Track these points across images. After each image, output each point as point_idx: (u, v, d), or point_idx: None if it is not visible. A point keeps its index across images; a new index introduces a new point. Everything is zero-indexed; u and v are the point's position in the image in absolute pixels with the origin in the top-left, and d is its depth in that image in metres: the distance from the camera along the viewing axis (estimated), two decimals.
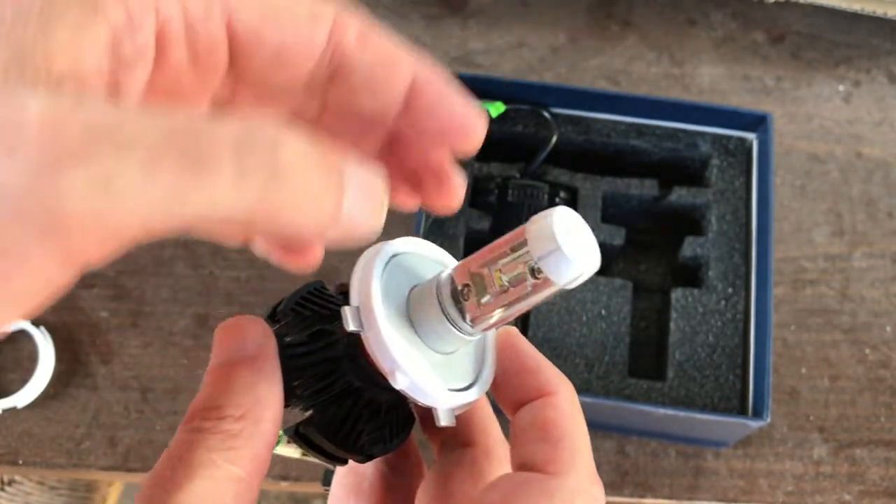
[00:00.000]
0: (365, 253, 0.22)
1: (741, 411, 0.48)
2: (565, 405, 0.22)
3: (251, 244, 0.26)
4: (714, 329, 0.50)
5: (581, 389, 0.48)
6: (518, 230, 0.20)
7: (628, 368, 0.49)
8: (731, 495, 0.51)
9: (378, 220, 0.18)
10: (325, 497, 0.28)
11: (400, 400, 0.23)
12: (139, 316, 0.56)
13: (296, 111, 0.24)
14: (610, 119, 0.55)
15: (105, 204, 0.14)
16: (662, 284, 0.56)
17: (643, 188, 0.54)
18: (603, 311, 0.50)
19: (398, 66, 0.22)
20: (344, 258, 0.61)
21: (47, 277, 0.15)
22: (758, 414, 0.46)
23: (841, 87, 0.64)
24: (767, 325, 0.48)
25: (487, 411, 0.26)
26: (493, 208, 0.53)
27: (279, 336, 0.22)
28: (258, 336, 0.22)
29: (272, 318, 0.24)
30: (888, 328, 0.55)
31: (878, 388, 0.54)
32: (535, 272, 0.19)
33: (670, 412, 0.45)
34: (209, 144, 0.15)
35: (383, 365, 0.21)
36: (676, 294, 0.51)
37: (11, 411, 0.53)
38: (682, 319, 0.50)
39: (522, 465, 0.22)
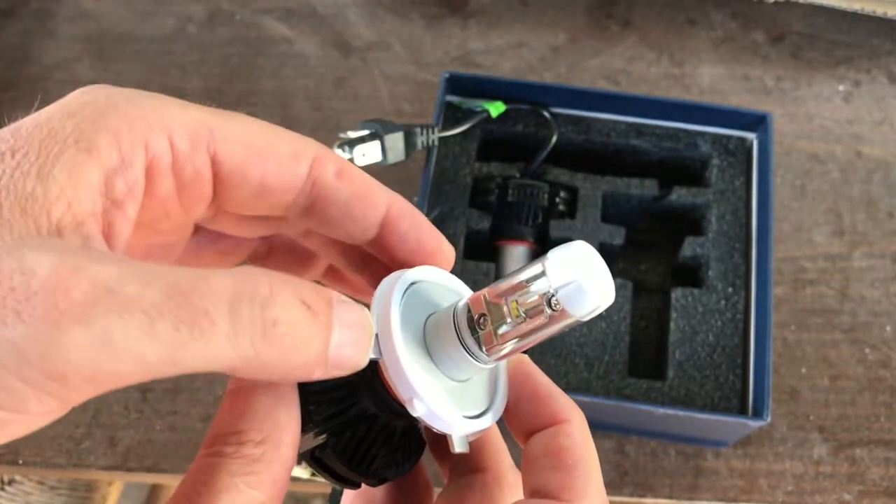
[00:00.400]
0: (384, 280, 0.23)
1: (741, 411, 0.48)
2: (578, 433, 0.23)
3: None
4: (714, 329, 0.50)
5: (581, 389, 0.48)
6: (536, 262, 0.20)
7: (628, 368, 0.49)
8: (731, 495, 0.51)
9: (364, 357, 0.20)
10: (325, 497, 0.28)
11: (413, 425, 0.24)
12: None
13: (275, 234, 0.26)
14: (610, 119, 0.55)
15: (104, 358, 0.15)
16: (662, 284, 0.56)
17: (643, 188, 0.54)
18: (603, 311, 0.50)
19: (373, 199, 0.24)
20: None
21: (39, 421, 0.16)
22: (758, 414, 0.46)
23: (841, 87, 0.64)
24: (767, 325, 0.48)
25: (498, 437, 0.26)
26: (493, 208, 0.53)
27: None
28: None
29: None
30: (888, 328, 0.55)
31: (878, 388, 0.54)
32: (552, 304, 0.20)
33: (670, 412, 0.45)
34: (204, 303, 0.16)
35: (401, 392, 0.21)
36: (676, 294, 0.51)
37: None
38: (682, 319, 0.50)
39: (536, 491, 0.22)
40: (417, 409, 0.21)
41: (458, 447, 0.23)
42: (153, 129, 0.20)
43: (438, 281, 0.24)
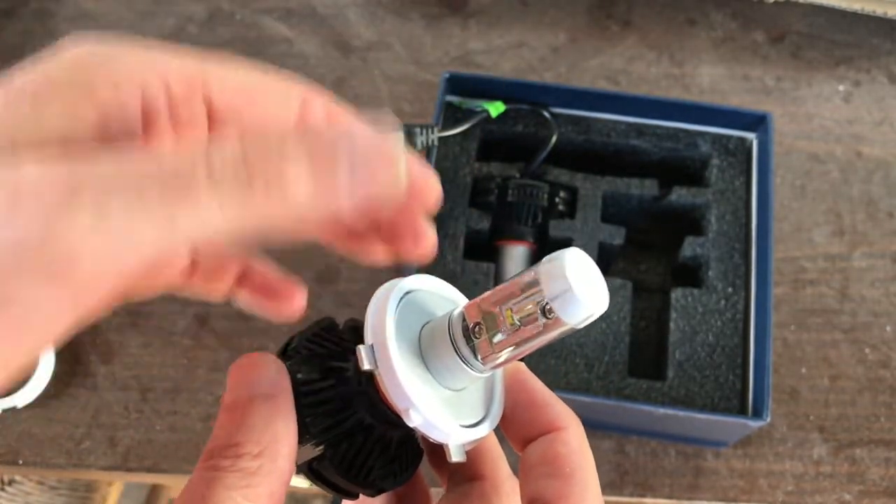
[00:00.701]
0: (379, 290, 0.23)
1: (741, 411, 0.48)
2: (575, 440, 0.23)
3: (233, 298, 0.27)
4: (714, 329, 0.50)
5: (581, 389, 0.48)
6: (529, 270, 0.20)
7: (628, 368, 0.49)
8: (731, 495, 0.51)
9: (391, 177, 0.19)
10: (325, 497, 0.28)
11: (409, 434, 0.24)
12: (139, 316, 0.56)
13: None
14: (610, 119, 0.55)
15: (102, 242, 0.16)
16: (662, 284, 0.56)
17: (643, 188, 0.54)
18: (597, 318, 0.50)
19: None
20: (344, 258, 0.61)
21: (56, 320, 0.16)
22: (758, 414, 0.46)
23: (841, 87, 0.64)
24: (767, 325, 0.48)
25: (495, 445, 0.26)
26: (492, 208, 0.53)
27: (291, 373, 0.23)
28: (272, 373, 0.22)
29: (284, 354, 0.25)
30: (888, 328, 0.55)
31: (878, 388, 0.54)
32: (546, 312, 0.20)
33: (670, 412, 0.45)
34: (184, 172, 0.16)
35: (398, 403, 0.21)
36: (676, 294, 0.51)
37: (11, 411, 0.53)
38: (681, 319, 0.50)
39: (533, 499, 0.22)
40: (414, 420, 0.21)
41: (455, 456, 0.23)
42: (148, 75, 0.20)
43: (433, 290, 0.24)
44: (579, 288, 0.19)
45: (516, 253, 0.52)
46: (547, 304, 0.20)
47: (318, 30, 0.68)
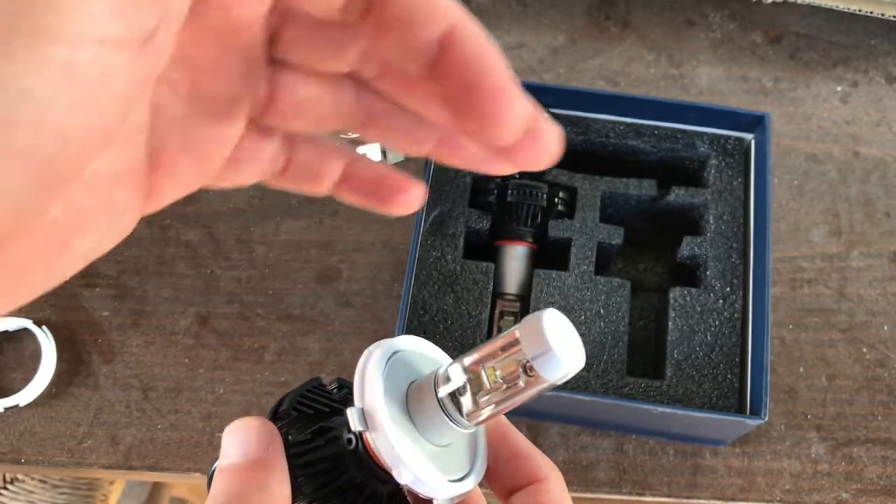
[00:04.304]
0: (367, 351, 0.24)
1: (739, 410, 0.48)
2: (556, 490, 0.24)
3: (338, 196, 0.25)
4: (712, 328, 0.50)
5: (579, 388, 0.49)
6: (510, 331, 0.21)
7: (627, 367, 0.50)
8: (729, 493, 0.51)
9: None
10: None
11: (398, 489, 0.25)
12: (141, 315, 0.56)
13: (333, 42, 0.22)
14: (609, 119, 0.55)
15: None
16: (661, 284, 0.56)
17: (642, 188, 0.54)
18: (601, 311, 0.51)
19: (437, 3, 0.19)
20: (344, 258, 0.61)
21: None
22: (756, 412, 0.47)
23: (839, 88, 0.64)
24: (765, 325, 0.48)
25: (479, 497, 0.27)
26: (492, 208, 0.53)
27: (283, 435, 0.24)
28: (265, 437, 0.23)
29: (275, 416, 0.26)
30: (885, 327, 0.56)
31: (876, 387, 0.54)
32: (527, 370, 0.21)
33: (668, 411, 0.45)
34: None
35: (388, 462, 0.22)
36: (675, 293, 0.51)
37: (14, 410, 0.53)
38: (680, 319, 0.50)
39: None
40: (404, 477, 0.22)
41: None
42: None
43: (419, 350, 0.25)
44: (558, 347, 0.21)
45: (516, 253, 0.53)
46: (528, 362, 0.21)
47: None
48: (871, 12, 0.63)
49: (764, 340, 0.47)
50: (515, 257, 0.53)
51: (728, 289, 0.51)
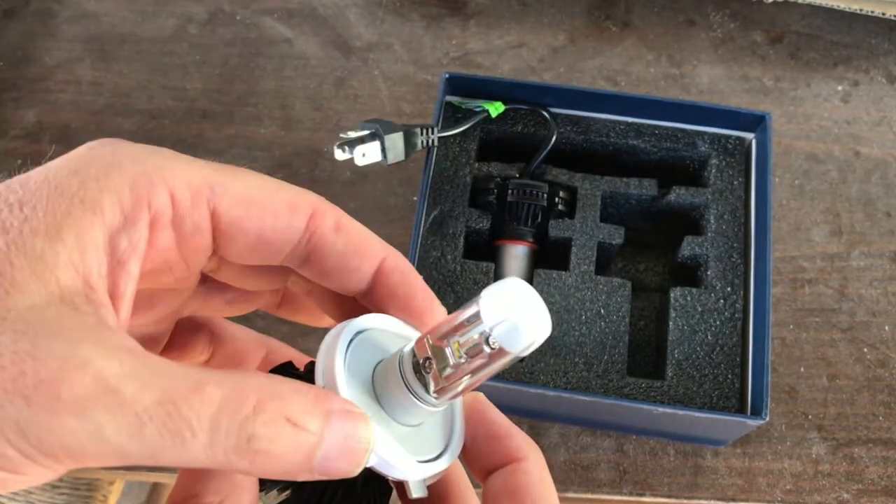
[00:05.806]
0: (329, 332, 0.23)
1: (740, 410, 0.48)
2: (536, 470, 0.23)
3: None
4: (713, 328, 0.50)
5: (580, 388, 0.49)
6: (471, 303, 0.21)
7: (627, 367, 0.49)
8: (730, 494, 0.51)
9: (355, 467, 0.20)
10: None
11: (374, 474, 0.24)
12: None
13: (273, 282, 0.27)
14: (609, 119, 0.55)
15: (93, 448, 0.17)
16: (661, 284, 0.56)
17: (642, 188, 0.54)
18: (602, 311, 0.50)
19: (368, 251, 0.24)
20: None
21: (33, 481, 0.18)
22: (756, 413, 0.46)
23: (839, 87, 0.64)
24: (766, 324, 0.48)
25: (462, 478, 0.26)
26: (492, 208, 0.53)
27: None
28: None
29: None
30: (886, 327, 0.56)
31: (877, 387, 0.54)
32: (490, 342, 0.20)
33: (669, 411, 0.45)
34: (190, 414, 0.18)
35: None
36: (675, 293, 0.51)
37: None
38: (680, 318, 0.50)
39: None
40: (370, 460, 0.21)
41: (416, 492, 0.23)
42: (155, 186, 0.21)
43: (386, 328, 0.24)
44: (518, 317, 0.20)
45: (516, 252, 0.53)
46: (489, 335, 0.20)
47: (319, 30, 0.68)
48: (872, 12, 0.63)
49: (765, 340, 0.47)
50: (516, 257, 0.53)
51: (729, 289, 0.51)
